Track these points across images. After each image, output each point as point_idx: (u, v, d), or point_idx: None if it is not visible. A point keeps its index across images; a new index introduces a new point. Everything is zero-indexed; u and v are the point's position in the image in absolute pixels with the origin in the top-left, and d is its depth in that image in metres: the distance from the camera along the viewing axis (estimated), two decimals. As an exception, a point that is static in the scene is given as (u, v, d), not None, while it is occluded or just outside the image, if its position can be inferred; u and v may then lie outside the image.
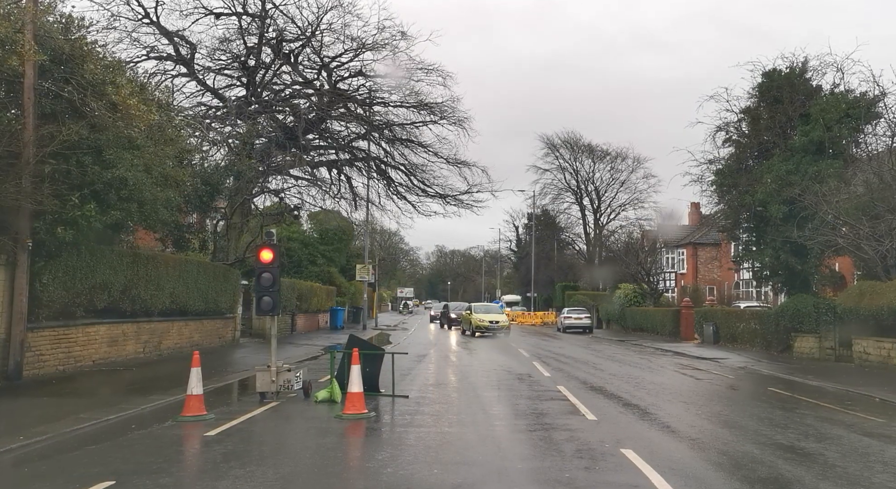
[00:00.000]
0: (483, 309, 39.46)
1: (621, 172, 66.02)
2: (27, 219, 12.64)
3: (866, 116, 24.80)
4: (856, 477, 7.42)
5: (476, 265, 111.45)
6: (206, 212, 24.45)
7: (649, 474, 7.08)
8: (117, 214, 14.03)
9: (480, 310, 38.42)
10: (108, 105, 13.36)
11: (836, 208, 21.84)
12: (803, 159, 25.44)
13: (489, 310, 39.56)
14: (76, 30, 14.21)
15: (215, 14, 26.99)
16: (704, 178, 30.45)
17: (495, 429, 9.94)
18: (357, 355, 10.74)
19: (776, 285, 29.83)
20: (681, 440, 9.37)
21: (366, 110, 31.11)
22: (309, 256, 40.41)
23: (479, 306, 40.90)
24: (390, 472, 7.17)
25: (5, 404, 10.96)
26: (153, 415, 10.34)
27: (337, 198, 32.98)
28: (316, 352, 21.68)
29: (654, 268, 43.38)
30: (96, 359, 15.76)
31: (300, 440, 9.11)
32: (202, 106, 28.21)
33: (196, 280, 20.48)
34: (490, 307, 42.26)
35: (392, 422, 10.43)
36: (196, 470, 7.64)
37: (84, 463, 7.46)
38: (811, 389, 15.35)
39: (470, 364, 20.50)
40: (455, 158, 32.01)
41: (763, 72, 28.02)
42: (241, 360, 19.09)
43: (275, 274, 11.87)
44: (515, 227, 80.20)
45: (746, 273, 39.03)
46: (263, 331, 25.77)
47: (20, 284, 12.75)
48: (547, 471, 7.42)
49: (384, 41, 28.57)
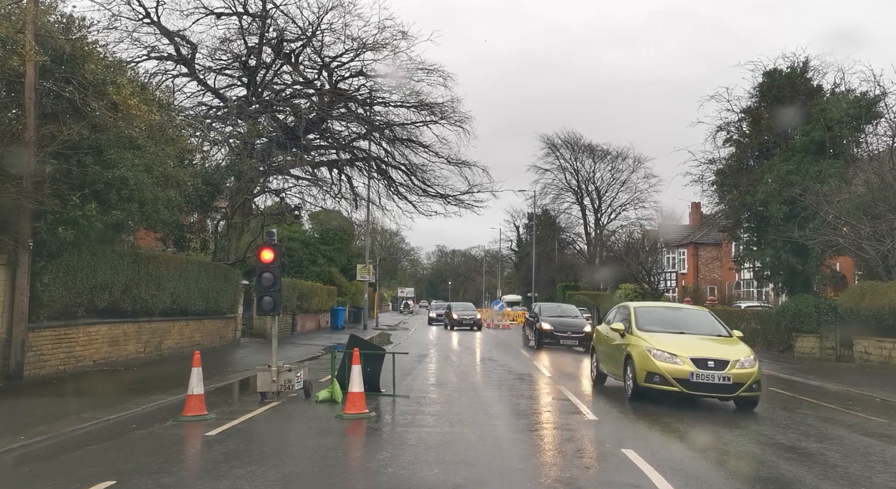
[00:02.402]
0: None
1: (622, 172, 66.11)
2: (28, 218, 12.64)
3: (867, 116, 24.80)
4: (857, 477, 7.42)
5: (477, 265, 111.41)
6: (207, 211, 24.43)
7: (650, 474, 7.08)
8: (118, 214, 14.02)
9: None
10: (109, 105, 13.35)
11: (837, 208, 21.84)
12: (804, 159, 25.45)
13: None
14: (77, 30, 14.20)
15: (216, 14, 26.97)
16: (705, 178, 30.50)
17: (496, 428, 9.94)
18: (358, 355, 10.73)
19: (777, 285, 29.85)
20: (682, 440, 9.37)
21: (366, 110, 31.09)
22: (310, 256, 40.39)
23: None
24: (391, 472, 7.17)
25: (6, 404, 10.96)
26: (154, 414, 10.34)
27: (338, 198, 32.96)
28: (317, 352, 21.69)
29: (654, 268, 43.42)
30: (97, 358, 15.76)
31: (301, 440, 9.11)
32: (203, 106, 28.18)
33: (197, 280, 20.48)
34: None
35: (393, 422, 10.43)
36: (197, 469, 7.64)
37: (85, 462, 7.46)
38: (812, 389, 15.35)
39: (471, 363, 20.50)
40: (456, 158, 31.99)
41: (764, 71, 28.07)
42: (241, 360, 19.09)
43: (276, 274, 11.87)
44: (516, 226, 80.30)
45: (747, 273, 39.02)
46: (264, 330, 25.78)
47: (21, 284, 12.76)
48: (547, 471, 7.42)
49: (385, 41, 28.55)
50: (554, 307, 30.38)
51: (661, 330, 12.80)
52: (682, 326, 13.19)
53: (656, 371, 11.65)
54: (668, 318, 13.72)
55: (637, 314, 13.37)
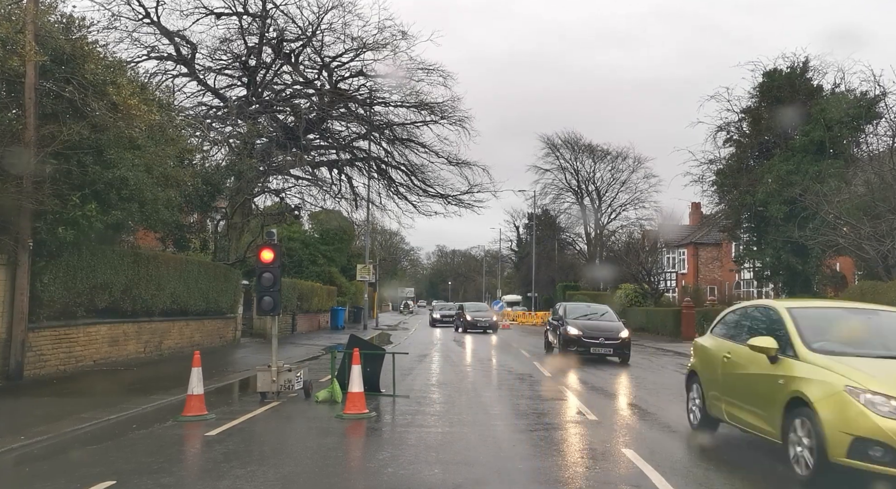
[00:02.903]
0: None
1: (622, 172, 66.05)
2: (28, 219, 12.64)
3: (867, 116, 24.82)
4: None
5: (477, 265, 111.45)
6: (207, 211, 24.43)
7: (650, 474, 7.08)
8: (118, 214, 14.04)
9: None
10: (109, 105, 13.35)
11: (837, 208, 21.84)
12: (804, 159, 25.47)
13: None
14: (77, 30, 14.21)
15: (216, 14, 26.98)
16: (705, 178, 30.56)
17: (496, 428, 9.94)
18: (358, 355, 10.73)
19: (777, 285, 29.86)
20: (682, 440, 9.36)
21: (366, 110, 31.09)
22: (310, 256, 40.39)
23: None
24: (391, 472, 7.17)
25: (6, 404, 10.96)
26: (154, 414, 10.34)
27: (338, 198, 32.96)
28: (317, 352, 21.68)
29: (654, 268, 43.41)
30: (97, 358, 15.76)
31: (301, 440, 9.11)
32: (203, 106, 28.19)
33: (197, 280, 20.49)
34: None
35: (393, 422, 10.43)
36: (197, 469, 7.64)
37: (85, 462, 7.46)
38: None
39: (471, 364, 20.51)
40: (456, 158, 32.00)
41: (764, 71, 28.11)
42: (241, 360, 19.09)
43: (276, 274, 11.87)
44: (516, 226, 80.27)
45: (747, 273, 39.01)
46: (264, 331, 25.77)
47: (21, 284, 12.76)
48: (548, 470, 7.42)
49: (385, 41, 28.57)
50: (581, 307, 25.39)
51: (857, 352, 7.27)
52: (891, 342, 7.70)
53: (875, 436, 6.16)
54: (862, 329, 8.00)
55: (800, 322, 7.71)
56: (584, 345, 20.89)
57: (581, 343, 20.98)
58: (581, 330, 21.28)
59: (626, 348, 20.76)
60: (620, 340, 20.77)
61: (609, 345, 20.70)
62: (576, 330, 21.27)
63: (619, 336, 20.89)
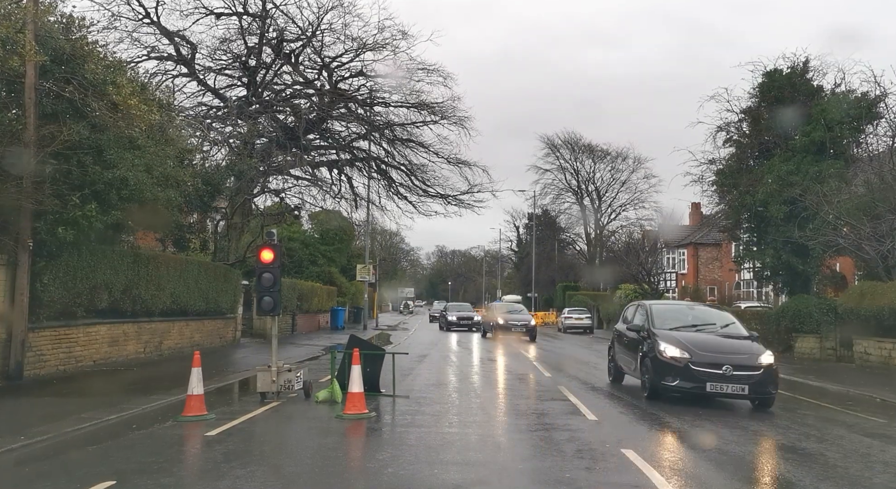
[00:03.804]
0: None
1: (622, 172, 66.12)
2: (28, 219, 12.63)
3: (867, 116, 24.84)
4: (857, 477, 7.42)
5: (477, 265, 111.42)
6: (207, 212, 24.42)
7: (650, 474, 7.08)
8: (118, 214, 14.03)
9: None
10: (109, 105, 13.35)
11: (837, 208, 21.86)
12: (804, 159, 25.48)
13: None
14: (77, 30, 14.21)
15: (216, 14, 26.96)
16: (705, 178, 30.53)
17: (496, 429, 9.94)
18: (358, 355, 10.73)
19: (777, 285, 29.86)
20: (682, 440, 9.37)
21: (366, 110, 31.08)
22: (310, 256, 40.39)
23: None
24: (391, 472, 7.17)
25: (7, 404, 10.96)
26: (154, 415, 10.33)
27: (337, 198, 32.94)
28: (317, 353, 21.68)
29: (654, 269, 43.41)
30: (97, 359, 15.76)
31: (301, 440, 9.11)
32: (203, 106, 28.17)
33: (197, 280, 20.48)
34: None
35: (393, 423, 10.43)
36: (197, 470, 7.64)
37: (85, 462, 7.46)
38: (812, 389, 15.35)
39: (470, 364, 20.50)
40: (456, 158, 31.95)
41: (764, 72, 28.08)
42: (241, 360, 19.09)
43: (276, 274, 11.87)
44: (516, 227, 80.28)
45: (747, 273, 39.04)
46: (264, 331, 25.76)
47: (21, 284, 12.75)
48: (547, 471, 7.42)
49: (385, 41, 28.54)
50: (678, 311, 14.98)
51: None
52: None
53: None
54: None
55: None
56: (695, 377, 11.93)
57: (690, 375, 11.95)
58: (687, 350, 12.16)
59: (770, 385, 12.08)
60: (761, 371, 12.01)
61: (742, 379, 11.82)
62: (677, 349, 12.22)
63: (759, 362, 12.13)
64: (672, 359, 12.23)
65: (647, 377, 12.79)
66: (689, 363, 12.04)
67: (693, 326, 13.63)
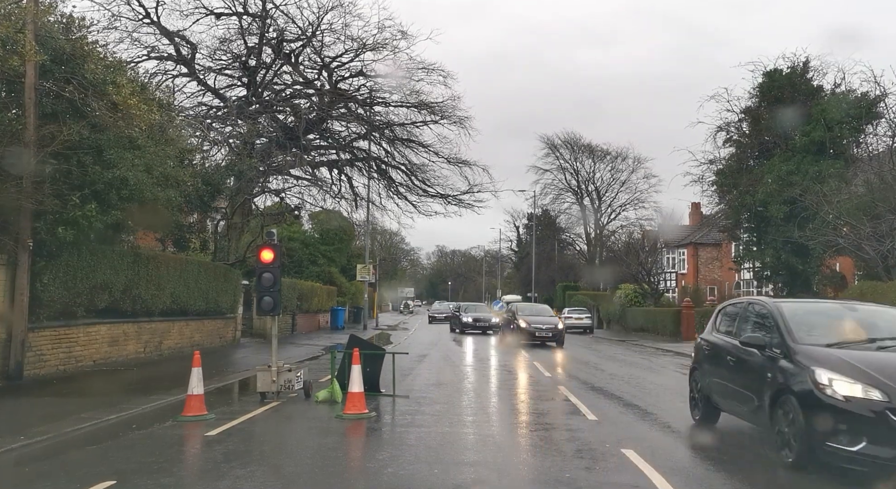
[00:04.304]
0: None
1: (622, 172, 66.13)
2: (28, 219, 12.63)
3: (867, 116, 24.85)
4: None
5: (477, 265, 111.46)
6: (207, 212, 24.42)
7: (650, 474, 7.08)
8: (118, 214, 14.03)
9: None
10: (109, 105, 13.35)
11: (837, 208, 21.86)
12: (804, 159, 25.49)
13: None
14: (77, 30, 14.21)
15: (216, 14, 26.96)
16: (705, 178, 30.59)
17: (496, 428, 9.94)
18: (358, 355, 10.73)
19: (777, 285, 29.86)
20: (682, 440, 9.37)
21: (366, 110, 31.08)
22: (310, 256, 40.39)
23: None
24: (391, 472, 7.17)
25: (7, 404, 10.96)
26: (154, 414, 10.33)
27: (337, 198, 32.95)
28: (317, 352, 21.68)
29: (654, 269, 43.41)
30: (97, 358, 15.76)
31: (301, 440, 9.11)
32: (203, 106, 28.17)
33: (197, 280, 20.48)
34: None
35: (393, 422, 10.43)
36: (197, 470, 7.64)
37: (85, 462, 7.46)
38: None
39: (470, 364, 20.51)
40: (456, 158, 31.96)
41: (764, 72, 28.12)
42: (241, 360, 19.08)
43: (276, 274, 11.87)
44: (516, 226, 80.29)
45: (747, 273, 39.01)
46: (264, 331, 25.76)
47: (21, 284, 12.75)
48: (547, 471, 7.42)
49: (384, 41, 28.55)
50: (835, 316, 8.92)
51: None
52: None
53: None
54: None
55: None
56: None
57: (891, 431, 6.53)
58: (881, 386, 6.74)
59: None
60: None
61: None
62: (859, 384, 6.85)
63: None
64: (847, 400, 6.80)
65: (791, 431, 7.29)
66: (889, 409, 6.58)
67: (871, 342, 7.93)
